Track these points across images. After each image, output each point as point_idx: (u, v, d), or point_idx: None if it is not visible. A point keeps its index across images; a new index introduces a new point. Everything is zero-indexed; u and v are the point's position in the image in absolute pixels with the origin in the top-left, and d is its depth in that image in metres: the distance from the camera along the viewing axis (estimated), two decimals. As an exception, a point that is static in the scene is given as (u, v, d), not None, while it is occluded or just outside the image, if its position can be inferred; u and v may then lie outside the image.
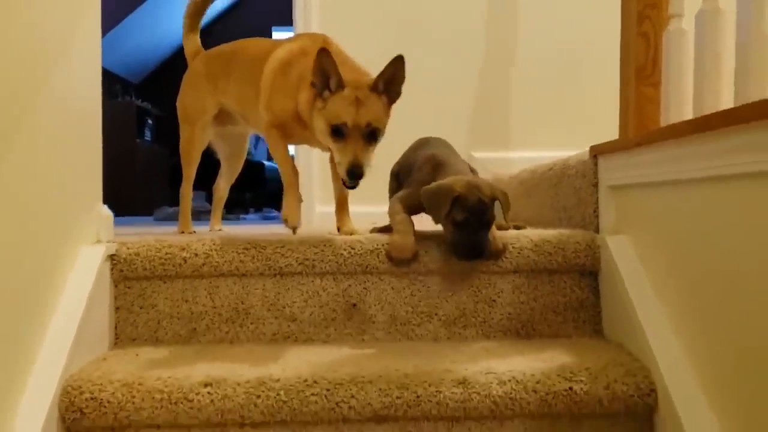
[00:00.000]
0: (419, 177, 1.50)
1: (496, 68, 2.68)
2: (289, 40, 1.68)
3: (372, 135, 1.38)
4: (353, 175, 1.35)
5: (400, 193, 1.55)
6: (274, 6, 7.47)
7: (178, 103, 1.96)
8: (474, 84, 2.67)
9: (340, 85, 1.37)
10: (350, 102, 1.36)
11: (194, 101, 1.90)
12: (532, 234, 1.46)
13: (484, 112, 2.66)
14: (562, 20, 2.67)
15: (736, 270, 1.01)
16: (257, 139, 6.68)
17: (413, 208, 1.49)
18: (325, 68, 1.36)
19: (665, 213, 1.24)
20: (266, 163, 5.80)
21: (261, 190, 5.88)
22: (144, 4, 6.43)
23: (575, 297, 1.45)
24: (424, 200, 1.40)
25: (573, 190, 1.62)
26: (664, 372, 1.15)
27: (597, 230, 1.49)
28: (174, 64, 7.37)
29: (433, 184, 1.39)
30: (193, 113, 1.90)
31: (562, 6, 2.67)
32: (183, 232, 1.90)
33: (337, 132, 1.37)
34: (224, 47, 1.91)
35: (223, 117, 1.92)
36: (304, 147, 2.62)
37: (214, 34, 7.38)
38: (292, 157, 1.68)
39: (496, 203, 1.39)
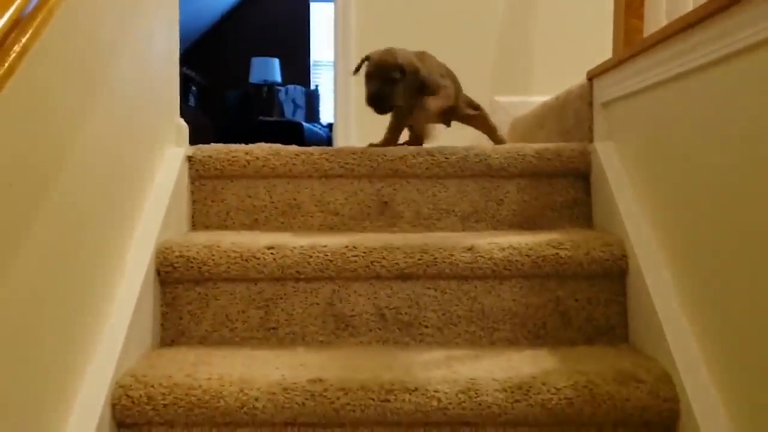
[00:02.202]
0: None
1: (518, 14, 2.89)
2: None
3: None
4: None
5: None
6: (313, -23, 7.67)
7: None
8: (496, 29, 2.88)
9: None
10: None
11: None
12: (535, 144, 1.74)
13: (505, 58, 2.87)
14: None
15: (688, 153, 1.29)
16: (294, 105, 7.01)
17: (400, 120, 1.87)
18: None
19: (638, 117, 1.51)
20: (304, 124, 6.11)
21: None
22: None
23: (570, 197, 1.72)
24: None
25: (573, 112, 1.89)
26: (634, 242, 1.43)
27: (591, 142, 1.76)
28: (218, 34, 7.69)
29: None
30: None
31: None
32: None
33: None
34: None
35: None
36: (342, 92, 2.93)
37: (252, 5, 7.72)
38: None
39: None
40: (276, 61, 7.23)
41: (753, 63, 1.07)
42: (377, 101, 1.70)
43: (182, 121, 1.75)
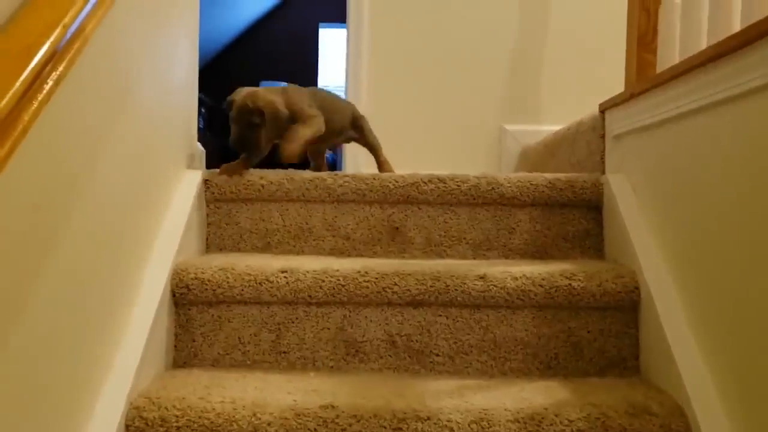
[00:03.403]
0: None
1: (528, 44, 2.91)
2: None
3: None
4: None
5: None
6: (322, 4, 7.78)
7: None
8: (506, 59, 2.91)
9: None
10: None
11: None
12: (548, 174, 1.76)
13: (516, 86, 2.88)
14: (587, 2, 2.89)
15: (696, 185, 1.30)
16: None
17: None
18: None
19: (650, 151, 1.53)
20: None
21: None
22: (202, -2, 6.84)
23: (582, 227, 1.73)
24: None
25: (585, 144, 1.90)
26: (646, 274, 1.44)
27: (603, 173, 1.77)
28: (228, 57, 7.78)
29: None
30: None
31: None
32: None
33: None
34: None
35: None
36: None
37: (261, 31, 7.81)
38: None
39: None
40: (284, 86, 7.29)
41: (764, 102, 1.09)
42: (239, 146, 1.74)
43: (199, 145, 1.78)
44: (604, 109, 1.78)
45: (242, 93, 1.74)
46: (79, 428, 1.08)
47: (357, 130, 2.17)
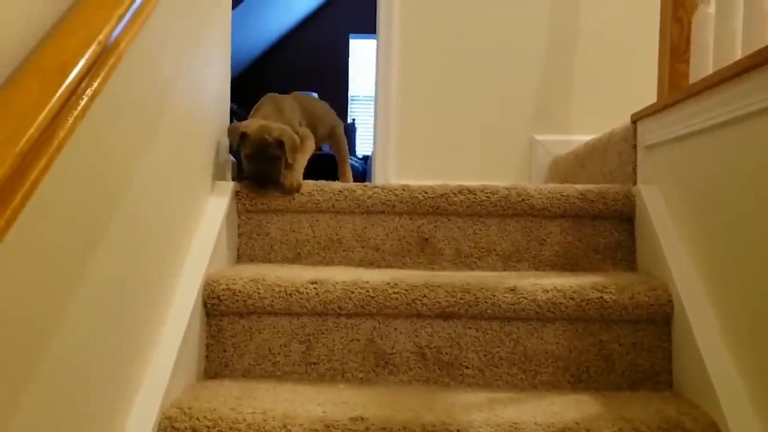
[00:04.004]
0: None
1: (559, 53, 2.89)
2: None
3: None
4: None
5: None
6: (352, 15, 7.83)
7: None
8: (536, 68, 2.89)
9: None
10: None
11: None
12: (579, 186, 1.74)
13: (546, 96, 2.86)
14: (620, 8, 2.84)
15: (731, 197, 1.28)
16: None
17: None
18: None
19: (683, 162, 1.51)
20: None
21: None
22: (235, 9, 6.95)
23: (614, 239, 1.72)
24: (227, 135, 1.77)
25: (617, 154, 1.88)
26: (680, 287, 1.42)
27: (635, 184, 1.75)
28: (258, 68, 7.88)
29: (232, 125, 1.76)
30: None
31: None
32: None
33: None
34: None
35: None
36: (382, 127, 2.96)
37: (292, 41, 7.89)
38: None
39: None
40: (315, 96, 7.36)
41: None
42: (261, 181, 1.73)
43: (231, 156, 1.79)
44: (636, 119, 1.76)
45: (254, 126, 1.72)
46: (113, 437, 1.10)
47: (332, 138, 2.18)
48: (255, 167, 1.72)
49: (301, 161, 1.81)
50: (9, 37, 0.81)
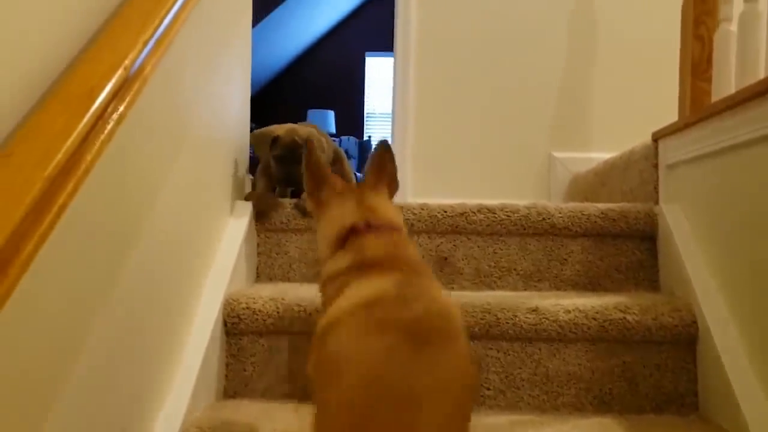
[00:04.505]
0: None
1: (577, 70, 2.88)
2: None
3: None
4: None
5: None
6: (368, 33, 7.88)
7: None
8: (555, 85, 2.88)
9: None
10: None
11: None
12: (600, 205, 1.73)
13: (564, 113, 2.85)
14: (639, 25, 2.83)
15: (756, 216, 1.26)
16: (347, 155, 7.12)
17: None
18: None
19: (707, 181, 1.49)
20: (357, 174, 6.19)
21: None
22: (257, 26, 7.01)
23: (636, 258, 1.70)
24: (252, 141, 1.77)
25: (638, 173, 1.87)
26: (704, 307, 1.40)
27: (656, 203, 1.74)
28: (276, 87, 7.94)
29: (262, 129, 1.78)
30: None
31: (638, 10, 2.85)
32: None
33: None
34: None
35: None
36: (399, 143, 2.96)
37: (309, 60, 7.95)
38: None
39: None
40: (331, 114, 7.41)
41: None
42: (289, 182, 1.76)
43: (250, 175, 1.80)
44: (657, 137, 1.75)
45: (284, 129, 1.76)
46: (134, 458, 1.10)
47: (338, 163, 2.16)
48: (285, 170, 1.75)
49: None
50: (36, 66, 0.83)
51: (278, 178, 1.77)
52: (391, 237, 1.03)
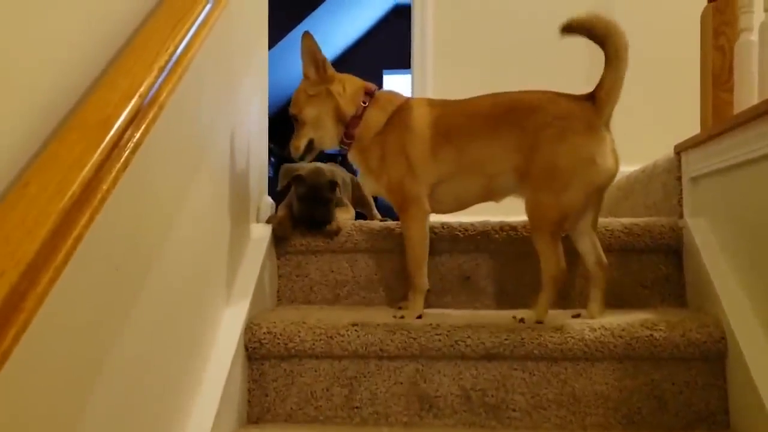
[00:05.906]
0: None
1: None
2: None
3: None
4: None
5: None
6: (385, 51, 7.91)
7: None
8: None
9: None
10: None
11: None
12: (624, 219, 1.70)
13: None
14: (659, 37, 2.80)
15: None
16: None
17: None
18: None
19: (732, 193, 1.46)
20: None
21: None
22: (275, 47, 7.07)
23: (661, 273, 1.66)
24: (280, 174, 1.77)
25: (661, 186, 1.84)
26: (733, 322, 1.36)
27: (681, 217, 1.71)
28: (294, 106, 7.98)
29: (286, 165, 1.78)
30: None
31: (658, 22, 2.83)
32: None
33: None
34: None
35: None
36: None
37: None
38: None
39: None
40: (350, 131, 7.41)
41: None
42: (315, 221, 1.72)
43: (269, 199, 1.81)
44: (679, 150, 1.72)
45: (308, 168, 1.75)
46: (157, 487, 1.09)
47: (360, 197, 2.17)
48: (307, 208, 1.72)
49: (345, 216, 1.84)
50: (56, 93, 0.83)
51: (298, 215, 1.75)
52: None
